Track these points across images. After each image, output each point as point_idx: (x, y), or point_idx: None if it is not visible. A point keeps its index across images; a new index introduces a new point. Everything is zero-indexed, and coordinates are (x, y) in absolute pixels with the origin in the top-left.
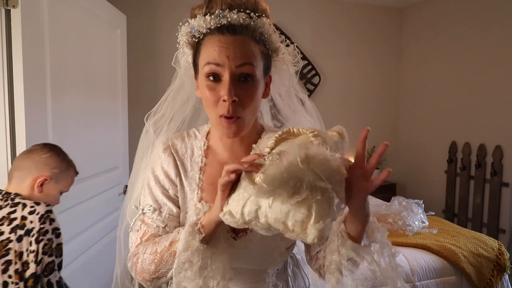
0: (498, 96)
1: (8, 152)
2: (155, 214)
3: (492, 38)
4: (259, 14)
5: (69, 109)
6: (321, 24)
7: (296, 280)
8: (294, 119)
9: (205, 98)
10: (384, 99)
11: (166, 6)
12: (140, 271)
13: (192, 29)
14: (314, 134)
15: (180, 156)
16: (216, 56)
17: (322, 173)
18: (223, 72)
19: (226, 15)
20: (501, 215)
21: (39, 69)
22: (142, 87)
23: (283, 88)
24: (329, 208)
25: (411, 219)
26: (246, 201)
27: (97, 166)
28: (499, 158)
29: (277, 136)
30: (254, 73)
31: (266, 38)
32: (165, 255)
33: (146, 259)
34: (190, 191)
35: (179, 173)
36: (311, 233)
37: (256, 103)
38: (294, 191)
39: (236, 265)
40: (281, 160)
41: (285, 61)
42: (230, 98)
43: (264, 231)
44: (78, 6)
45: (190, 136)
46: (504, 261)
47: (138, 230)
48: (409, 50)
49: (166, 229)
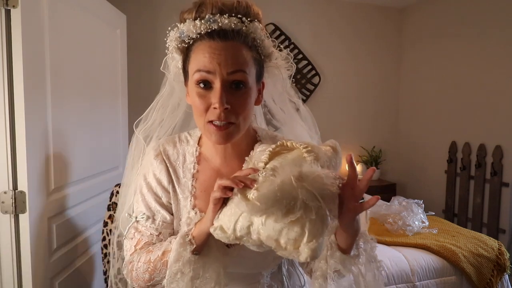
0: (498, 96)
1: (8, 152)
2: (148, 222)
3: (492, 38)
4: (251, 18)
5: (69, 109)
6: (321, 24)
7: (292, 279)
8: (290, 124)
9: (195, 105)
10: (384, 99)
11: (167, 6)
12: (135, 278)
13: (181, 34)
14: (307, 150)
15: (172, 163)
16: (207, 63)
17: (316, 192)
18: (214, 80)
19: (217, 19)
20: (501, 215)
21: (39, 69)
22: (142, 87)
23: (276, 93)
24: (322, 227)
25: (411, 219)
26: (239, 217)
27: (97, 166)
28: (499, 158)
29: (271, 150)
30: (247, 80)
31: (258, 43)
32: (158, 264)
33: (140, 267)
34: (183, 198)
35: (172, 180)
36: (304, 252)
37: (249, 111)
38: (288, 210)
39: (230, 270)
40: (275, 177)
41: (278, 66)
42: (221, 106)
43: (255, 247)
44: (78, 6)
45: (182, 141)
46: (504, 261)
47: (132, 238)
48: (409, 50)
49: (160, 237)
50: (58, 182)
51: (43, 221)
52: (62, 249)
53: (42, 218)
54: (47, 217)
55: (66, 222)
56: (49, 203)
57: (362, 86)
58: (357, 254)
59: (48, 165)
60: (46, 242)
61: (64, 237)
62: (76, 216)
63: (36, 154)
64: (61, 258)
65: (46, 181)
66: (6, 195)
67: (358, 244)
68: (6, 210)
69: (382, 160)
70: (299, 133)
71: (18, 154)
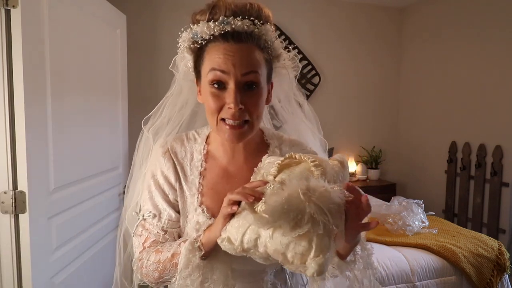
0: (498, 96)
1: (8, 152)
2: (155, 220)
3: (492, 38)
4: (263, 21)
5: (69, 109)
6: (321, 24)
7: (294, 278)
8: (293, 123)
9: (208, 104)
10: (384, 99)
11: (166, 6)
12: (145, 275)
13: (194, 35)
14: (315, 164)
15: (180, 160)
16: (222, 64)
17: (323, 206)
18: (228, 80)
19: (230, 21)
20: (501, 215)
21: (39, 69)
22: (142, 87)
23: (282, 93)
24: (329, 242)
25: (411, 219)
26: (246, 229)
27: (97, 166)
28: (499, 158)
29: (279, 163)
30: (259, 81)
31: (269, 45)
32: (168, 265)
33: (150, 266)
34: (190, 195)
35: (179, 178)
36: (311, 267)
37: (261, 110)
38: (295, 223)
39: (235, 267)
40: (283, 190)
41: (286, 66)
42: (236, 106)
43: (262, 260)
44: (78, 6)
45: (189, 139)
46: (504, 261)
47: (140, 236)
48: (409, 50)
49: (166, 236)
50: (58, 182)
51: (43, 221)
52: (62, 249)
53: (42, 218)
54: (47, 217)
55: (66, 222)
56: (49, 203)
57: (362, 86)
58: (353, 260)
59: (48, 165)
60: (46, 242)
61: (64, 237)
62: (76, 216)
63: (36, 154)
64: (61, 258)
65: (46, 181)
66: (6, 195)
67: (355, 250)
68: (6, 210)
69: (382, 160)
70: (303, 132)
71: (18, 154)
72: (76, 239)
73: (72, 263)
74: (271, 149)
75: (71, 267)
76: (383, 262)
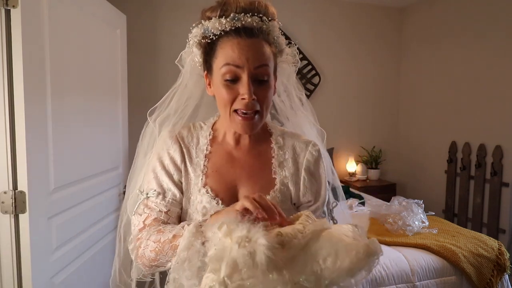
0: (498, 96)
1: (8, 152)
2: (158, 199)
3: (492, 38)
4: (270, 18)
5: (69, 109)
6: (321, 24)
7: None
8: (295, 118)
9: (221, 96)
10: (384, 99)
11: (166, 6)
12: (140, 255)
13: (205, 31)
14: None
15: (186, 144)
16: (236, 58)
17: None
18: (241, 73)
19: (240, 18)
20: (501, 215)
21: (39, 69)
22: (142, 87)
23: (281, 87)
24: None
25: (411, 219)
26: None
27: (97, 166)
28: (499, 158)
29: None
30: (269, 74)
31: (275, 40)
32: (166, 246)
33: (149, 245)
34: (195, 176)
35: (184, 159)
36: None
37: (270, 101)
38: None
39: None
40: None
41: (287, 61)
42: (250, 97)
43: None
44: (78, 6)
45: (196, 127)
46: (504, 261)
47: (141, 214)
48: (409, 50)
49: (169, 214)
50: (58, 182)
51: (43, 221)
52: (62, 249)
53: (42, 218)
54: (47, 217)
55: (66, 222)
56: (49, 203)
57: (362, 86)
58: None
59: (48, 165)
60: (46, 242)
61: (64, 237)
62: (76, 216)
63: (36, 154)
64: (61, 258)
65: (46, 181)
66: (6, 195)
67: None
68: (6, 210)
69: (382, 160)
70: (302, 124)
71: (18, 154)
72: (76, 239)
73: (72, 263)
74: (273, 137)
75: (71, 267)
76: (383, 262)
